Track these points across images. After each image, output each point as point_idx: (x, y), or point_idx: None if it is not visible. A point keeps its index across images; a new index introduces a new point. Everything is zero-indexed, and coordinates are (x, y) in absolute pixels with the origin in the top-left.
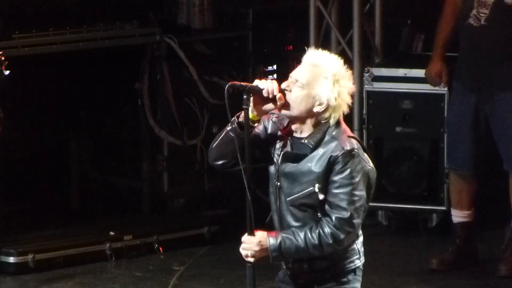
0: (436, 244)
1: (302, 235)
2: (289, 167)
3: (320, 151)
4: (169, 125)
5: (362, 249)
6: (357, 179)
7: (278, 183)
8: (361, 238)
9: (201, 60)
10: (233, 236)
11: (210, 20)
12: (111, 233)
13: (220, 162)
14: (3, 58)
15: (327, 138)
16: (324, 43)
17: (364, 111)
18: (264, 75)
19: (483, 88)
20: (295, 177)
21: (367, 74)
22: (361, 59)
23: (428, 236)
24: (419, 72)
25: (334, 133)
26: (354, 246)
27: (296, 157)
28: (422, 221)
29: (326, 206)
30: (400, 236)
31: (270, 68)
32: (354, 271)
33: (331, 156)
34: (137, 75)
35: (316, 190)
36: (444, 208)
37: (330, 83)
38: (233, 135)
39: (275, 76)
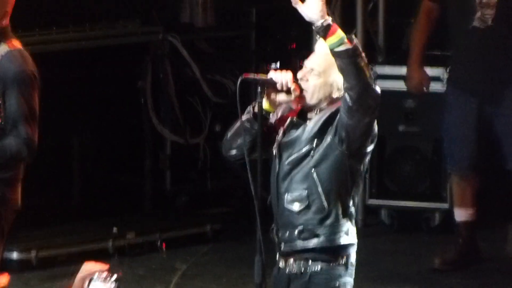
0: (439, 243)
1: None
2: (291, 134)
3: (317, 115)
4: (171, 123)
5: (353, 230)
6: None
7: (278, 154)
8: (353, 224)
9: (204, 59)
10: (236, 235)
11: (213, 18)
12: (114, 228)
13: (234, 153)
14: None
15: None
16: None
17: None
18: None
19: (488, 88)
20: (295, 140)
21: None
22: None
23: (431, 235)
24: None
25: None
26: (342, 222)
27: (297, 124)
28: (425, 220)
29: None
30: (403, 235)
31: (273, 66)
32: (345, 263)
33: (331, 112)
34: (140, 74)
35: (314, 146)
36: (446, 206)
37: None
38: (248, 125)
39: None
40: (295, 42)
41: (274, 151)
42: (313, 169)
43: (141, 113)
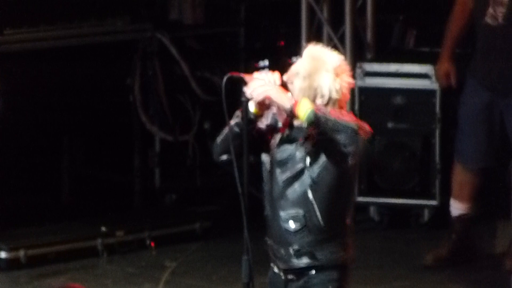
0: (428, 240)
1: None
2: (284, 151)
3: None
4: (160, 121)
5: (350, 245)
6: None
7: (271, 169)
8: (350, 235)
9: (192, 56)
10: (225, 232)
11: (201, 16)
12: (103, 228)
13: (225, 158)
14: None
15: None
16: (316, 39)
17: (356, 107)
18: (256, 71)
19: (499, 86)
20: (289, 159)
21: (359, 70)
22: (353, 55)
23: (420, 231)
24: (411, 68)
25: None
26: (339, 240)
27: (291, 141)
28: (414, 216)
29: None
30: (392, 231)
31: (261, 63)
32: (341, 268)
33: None
34: (129, 71)
35: (308, 164)
36: (435, 203)
37: (332, 76)
38: (237, 130)
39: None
40: (283, 40)
41: (268, 166)
42: (308, 188)
43: (130, 110)
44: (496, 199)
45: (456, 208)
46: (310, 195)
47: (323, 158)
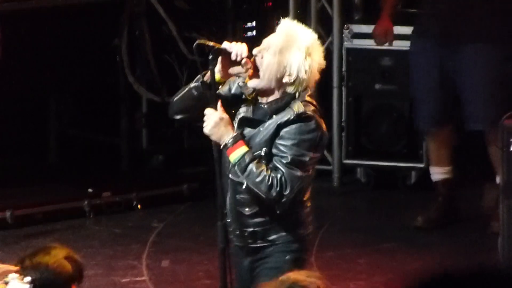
0: (415, 201)
1: (263, 168)
2: (245, 131)
3: (274, 117)
4: (148, 81)
5: (308, 219)
6: (303, 137)
7: None
8: (308, 209)
9: (180, 16)
10: (212, 194)
11: None
12: (90, 190)
13: (179, 116)
14: None
15: (286, 108)
16: (303, 0)
17: (344, 68)
18: (244, 32)
19: (449, 42)
20: (248, 141)
21: (347, 31)
22: (340, 16)
23: (407, 193)
24: (399, 29)
25: (292, 103)
26: (298, 216)
27: (253, 122)
28: (401, 178)
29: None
30: (379, 193)
31: (249, 24)
32: (300, 240)
33: (281, 122)
34: (116, 31)
35: (263, 154)
36: (423, 165)
37: (303, 55)
38: (195, 93)
39: (254, 32)
40: (271, 1)
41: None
42: None
43: (117, 71)
44: (482, 162)
45: (437, 173)
46: None
47: (274, 150)
